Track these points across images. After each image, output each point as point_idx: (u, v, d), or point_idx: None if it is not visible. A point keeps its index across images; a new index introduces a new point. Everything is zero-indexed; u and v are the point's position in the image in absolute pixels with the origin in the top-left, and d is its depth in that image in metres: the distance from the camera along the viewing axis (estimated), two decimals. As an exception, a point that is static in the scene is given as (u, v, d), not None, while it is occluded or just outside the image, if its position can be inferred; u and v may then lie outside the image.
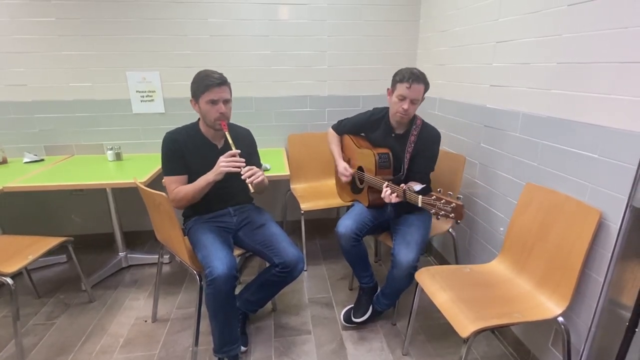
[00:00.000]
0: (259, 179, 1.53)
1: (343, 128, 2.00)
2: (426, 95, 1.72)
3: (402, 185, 1.51)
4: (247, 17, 2.44)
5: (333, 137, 2.04)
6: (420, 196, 1.39)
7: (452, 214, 1.26)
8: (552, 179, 1.44)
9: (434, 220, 1.93)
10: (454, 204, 1.26)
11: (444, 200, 1.29)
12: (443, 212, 1.29)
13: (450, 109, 2.19)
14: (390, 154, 1.74)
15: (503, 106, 1.71)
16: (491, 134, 1.81)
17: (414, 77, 1.60)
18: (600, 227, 1.23)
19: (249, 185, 1.50)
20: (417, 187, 1.62)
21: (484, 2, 1.81)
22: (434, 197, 1.33)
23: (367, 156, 1.77)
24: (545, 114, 1.44)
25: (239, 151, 1.54)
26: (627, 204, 1.14)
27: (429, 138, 1.75)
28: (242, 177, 1.49)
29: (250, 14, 2.44)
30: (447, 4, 2.18)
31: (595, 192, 1.25)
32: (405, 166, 1.74)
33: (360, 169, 1.86)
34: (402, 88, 1.63)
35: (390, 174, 1.74)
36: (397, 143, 1.77)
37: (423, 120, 1.79)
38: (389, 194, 1.53)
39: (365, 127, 1.91)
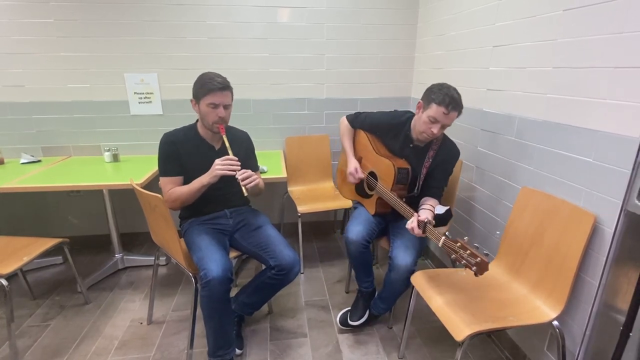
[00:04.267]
0: (253, 182, 1.52)
1: (360, 123, 1.89)
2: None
3: (423, 217, 1.41)
4: (246, 19, 2.45)
5: (346, 129, 1.92)
6: (443, 238, 1.30)
7: (474, 267, 1.18)
8: (547, 183, 1.44)
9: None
10: (479, 259, 1.18)
11: (469, 252, 1.21)
12: (465, 262, 1.21)
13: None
14: (410, 169, 1.64)
15: (499, 110, 1.71)
16: (488, 138, 1.81)
17: (453, 104, 1.48)
18: (595, 231, 1.24)
19: (243, 188, 1.50)
20: (439, 209, 1.56)
21: (481, 6, 1.82)
22: (459, 244, 1.25)
23: (386, 167, 1.67)
24: (542, 118, 1.45)
25: (236, 158, 1.54)
26: (621, 208, 1.14)
27: (449, 154, 1.67)
28: (237, 180, 1.49)
29: (249, 16, 2.45)
30: (445, 8, 2.19)
31: (590, 197, 1.26)
32: (421, 182, 1.68)
33: (372, 174, 1.80)
34: (437, 111, 1.50)
35: (405, 189, 1.67)
36: (415, 156, 1.69)
37: (444, 135, 1.69)
38: (415, 230, 1.42)
39: (383, 130, 1.80)
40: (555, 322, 1.29)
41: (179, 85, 2.51)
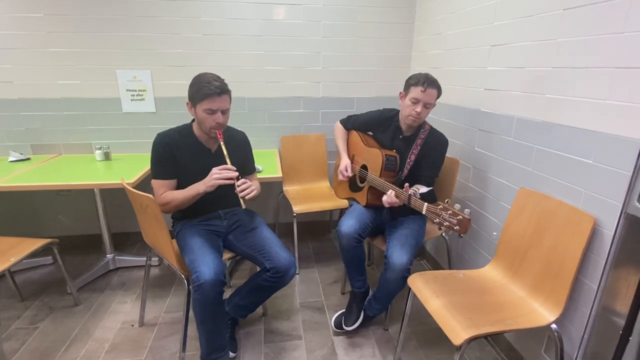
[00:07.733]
0: (252, 194, 1.48)
1: (352, 123, 1.99)
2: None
3: (409, 189, 1.49)
4: (241, 16, 2.41)
5: (340, 131, 2.02)
6: (425, 204, 1.36)
7: (457, 227, 1.24)
8: (546, 184, 1.43)
9: (428, 224, 1.92)
10: (460, 217, 1.23)
11: (450, 212, 1.26)
12: (447, 224, 1.26)
13: (445, 112, 2.18)
14: (398, 157, 1.73)
15: (497, 110, 1.70)
16: (485, 138, 1.80)
17: (428, 82, 1.60)
18: (595, 233, 1.22)
19: (241, 200, 1.46)
20: (423, 189, 1.63)
21: (479, 5, 1.80)
22: (441, 206, 1.30)
23: (375, 156, 1.75)
24: (540, 119, 1.43)
25: (234, 168, 1.49)
26: (621, 210, 1.13)
27: (436, 143, 1.74)
28: (236, 191, 1.45)
29: (244, 13, 2.41)
30: (442, 6, 2.17)
31: (589, 198, 1.24)
32: (407, 167, 1.74)
33: (364, 167, 1.84)
34: (416, 91, 1.62)
35: (394, 176, 1.73)
36: (404, 145, 1.76)
37: (431, 126, 1.78)
38: (390, 200, 1.53)
39: (374, 125, 1.90)
40: (554, 326, 1.27)
41: (172, 82, 2.47)
